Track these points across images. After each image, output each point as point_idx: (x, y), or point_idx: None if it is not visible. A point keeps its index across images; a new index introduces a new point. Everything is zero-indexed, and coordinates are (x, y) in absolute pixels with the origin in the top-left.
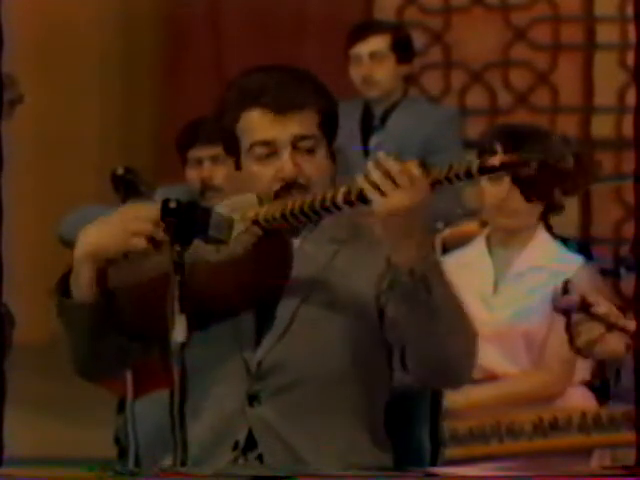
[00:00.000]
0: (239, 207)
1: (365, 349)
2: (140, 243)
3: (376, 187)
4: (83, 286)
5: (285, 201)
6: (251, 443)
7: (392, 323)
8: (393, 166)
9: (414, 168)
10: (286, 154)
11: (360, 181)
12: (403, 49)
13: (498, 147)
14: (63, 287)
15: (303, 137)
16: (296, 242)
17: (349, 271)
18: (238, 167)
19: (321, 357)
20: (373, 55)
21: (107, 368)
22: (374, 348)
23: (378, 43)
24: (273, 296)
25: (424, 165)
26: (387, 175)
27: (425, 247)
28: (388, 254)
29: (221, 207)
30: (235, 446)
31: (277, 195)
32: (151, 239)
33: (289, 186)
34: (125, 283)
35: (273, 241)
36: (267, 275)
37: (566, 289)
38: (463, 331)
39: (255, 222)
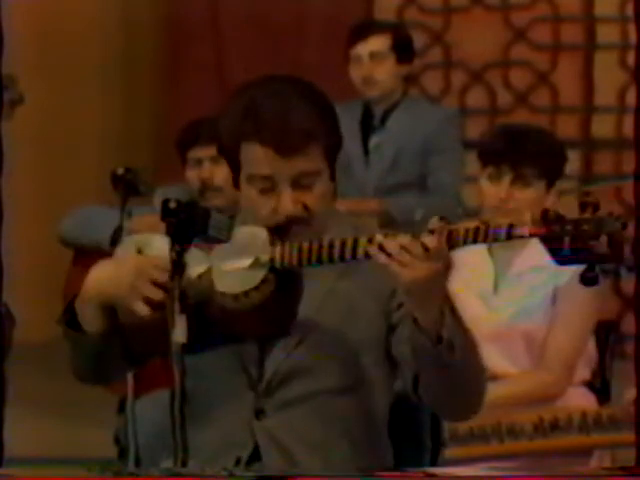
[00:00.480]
0: (250, 244)
1: (371, 364)
2: (144, 311)
3: (394, 259)
4: (90, 320)
5: (300, 245)
6: (254, 458)
7: (400, 340)
8: (405, 238)
9: (427, 238)
10: (286, 192)
11: (375, 251)
12: (403, 49)
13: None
14: (69, 315)
15: (305, 174)
16: None
17: (357, 288)
18: (237, 186)
19: (328, 373)
20: (373, 55)
21: (107, 378)
22: (379, 363)
23: (378, 43)
24: (284, 330)
25: (446, 223)
26: (402, 247)
27: (447, 305)
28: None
29: (232, 242)
30: (237, 462)
31: (278, 231)
32: (156, 304)
33: (290, 221)
34: (132, 317)
35: (287, 282)
36: (282, 313)
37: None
38: (478, 372)
39: (271, 269)
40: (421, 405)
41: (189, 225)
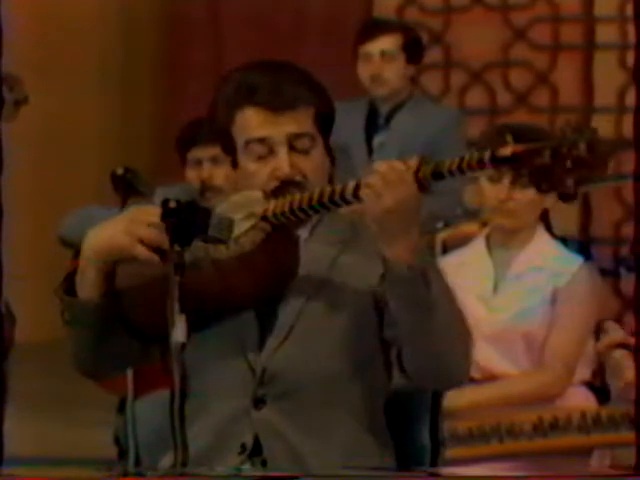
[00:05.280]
0: (245, 203)
1: (366, 349)
2: (144, 253)
3: (368, 186)
4: (88, 286)
5: (292, 196)
6: (257, 447)
7: (391, 322)
8: (382, 165)
9: (400, 164)
10: (282, 153)
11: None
12: (413, 49)
13: (509, 138)
14: (68, 285)
15: (299, 135)
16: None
17: (351, 272)
18: (235, 165)
19: (324, 359)
20: (384, 54)
21: (108, 367)
22: (374, 348)
23: (390, 42)
24: (279, 293)
25: (427, 160)
26: (377, 174)
27: (420, 245)
28: (382, 253)
29: (227, 203)
30: (242, 449)
31: (274, 193)
32: (157, 249)
33: (286, 184)
34: (131, 282)
35: (282, 237)
36: (276, 271)
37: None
38: (459, 329)
39: (263, 218)
40: (418, 403)
41: (189, 225)
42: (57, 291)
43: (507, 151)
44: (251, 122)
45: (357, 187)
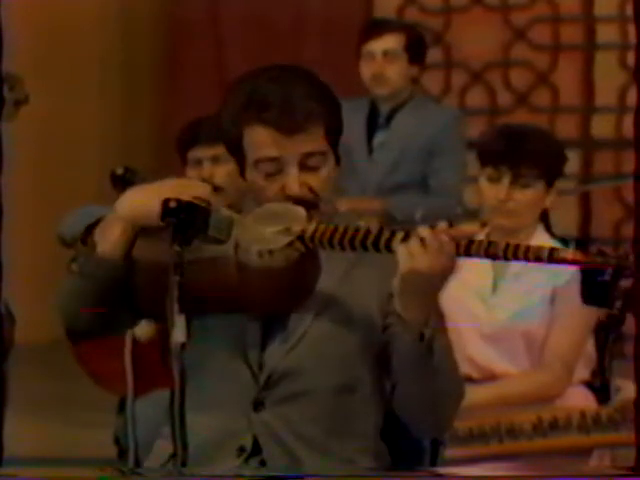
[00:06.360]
0: (285, 216)
1: (370, 364)
2: None
3: (405, 246)
4: (111, 243)
5: (335, 227)
6: (255, 449)
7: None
8: (425, 231)
9: (444, 236)
10: (293, 173)
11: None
12: (416, 50)
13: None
14: (86, 237)
15: (310, 154)
16: None
17: (361, 287)
18: (243, 176)
19: (330, 370)
20: (386, 53)
21: (92, 325)
22: (377, 363)
23: (393, 41)
24: (291, 310)
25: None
26: (419, 238)
27: (436, 310)
28: (396, 308)
29: (264, 210)
30: (241, 451)
31: None
32: None
33: (296, 203)
34: (145, 257)
35: (310, 259)
36: (296, 290)
37: None
38: (453, 394)
39: (300, 238)
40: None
41: (189, 225)
42: (75, 241)
43: (568, 255)
44: (261, 141)
45: (404, 239)
